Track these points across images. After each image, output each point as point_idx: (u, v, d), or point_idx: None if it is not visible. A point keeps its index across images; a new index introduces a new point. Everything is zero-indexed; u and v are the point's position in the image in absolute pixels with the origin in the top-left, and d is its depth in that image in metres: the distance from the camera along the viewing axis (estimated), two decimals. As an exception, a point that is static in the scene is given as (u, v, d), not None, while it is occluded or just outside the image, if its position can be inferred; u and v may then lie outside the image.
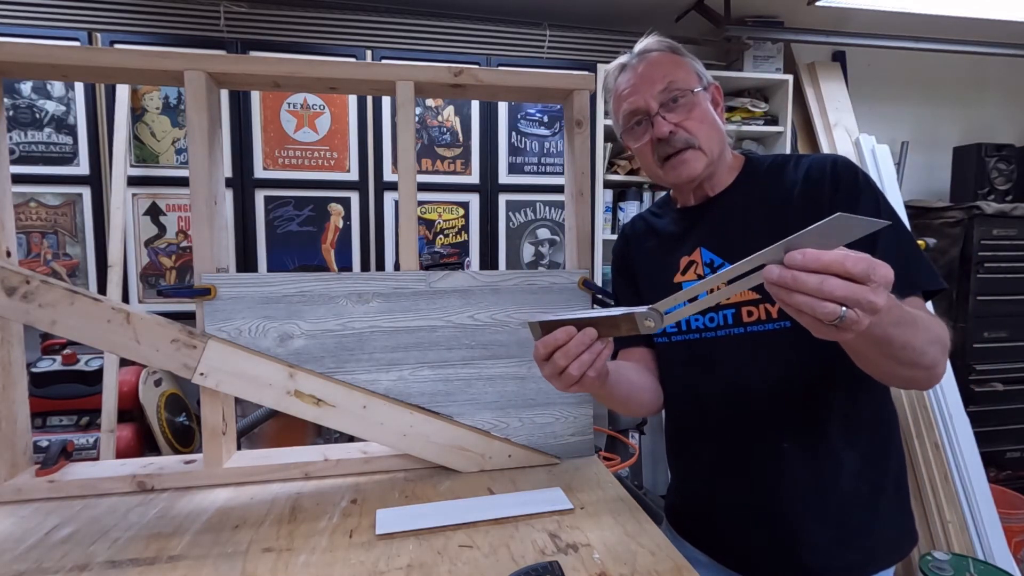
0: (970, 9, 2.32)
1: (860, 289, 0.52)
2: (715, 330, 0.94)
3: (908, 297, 0.78)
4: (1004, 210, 2.51)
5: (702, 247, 0.98)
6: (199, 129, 1.03)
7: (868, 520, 0.88)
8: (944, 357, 0.74)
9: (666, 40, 0.99)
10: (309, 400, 1.07)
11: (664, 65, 0.96)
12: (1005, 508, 2.18)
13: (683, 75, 0.94)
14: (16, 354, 1.05)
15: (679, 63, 0.96)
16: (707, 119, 0.94)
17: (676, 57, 0.97)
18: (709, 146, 0.94)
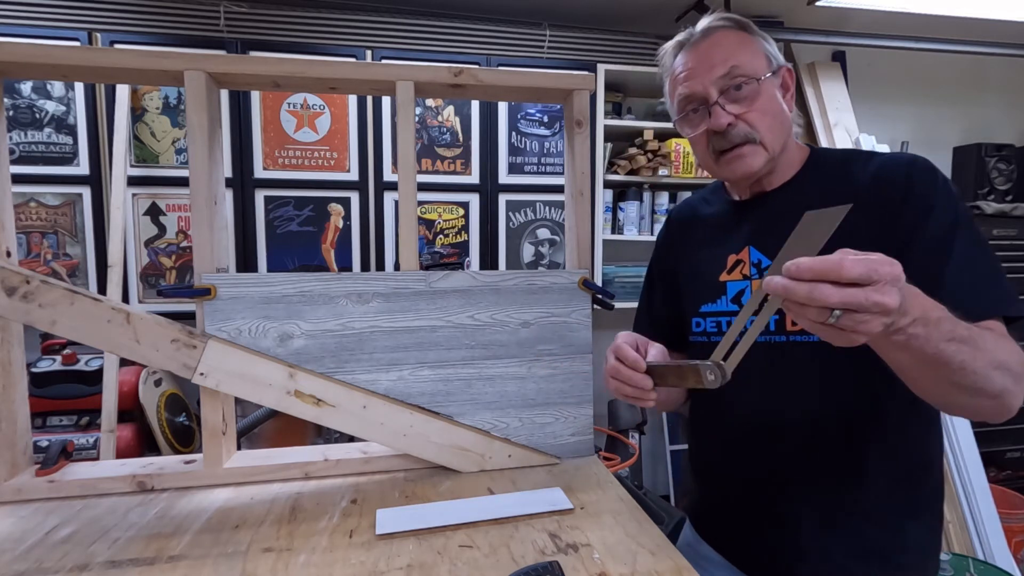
0: (970, 9, 2.32)
1: (857, 292, 0.50)
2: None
3: (981, 321, 0.68)
4: (1004, 210, 2.51)
5: (751, 246, 0.90)
6: (199, 129, 1.04)
7: (891, 542, 0.83)
8: (1018, 387, 0.66)
9: (733, 16, 0.89)
10: (309, 400, 1.07)
11: (728, 46, 0.86)
12: (1005, 508, 2.18)
13: (749, 58, 0.85)
14: (16, 354, 1.05)
15: (746, 43, 0.87)
16: (772, 110, 0.84)
17: (744, 35, 0.88)
18: (771, 141, 0.85)
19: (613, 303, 1.26)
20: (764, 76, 0.84)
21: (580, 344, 1.20)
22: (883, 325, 0.53)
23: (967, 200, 2.63)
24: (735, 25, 0.88)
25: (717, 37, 0.88)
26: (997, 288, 0.73)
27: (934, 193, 0.76)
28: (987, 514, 2.08)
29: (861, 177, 0.82)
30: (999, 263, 0.75)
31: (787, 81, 0.88)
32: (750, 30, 0.88)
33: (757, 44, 0.87)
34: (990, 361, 0.64)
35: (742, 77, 0.84)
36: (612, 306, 1.26)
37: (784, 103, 0.87)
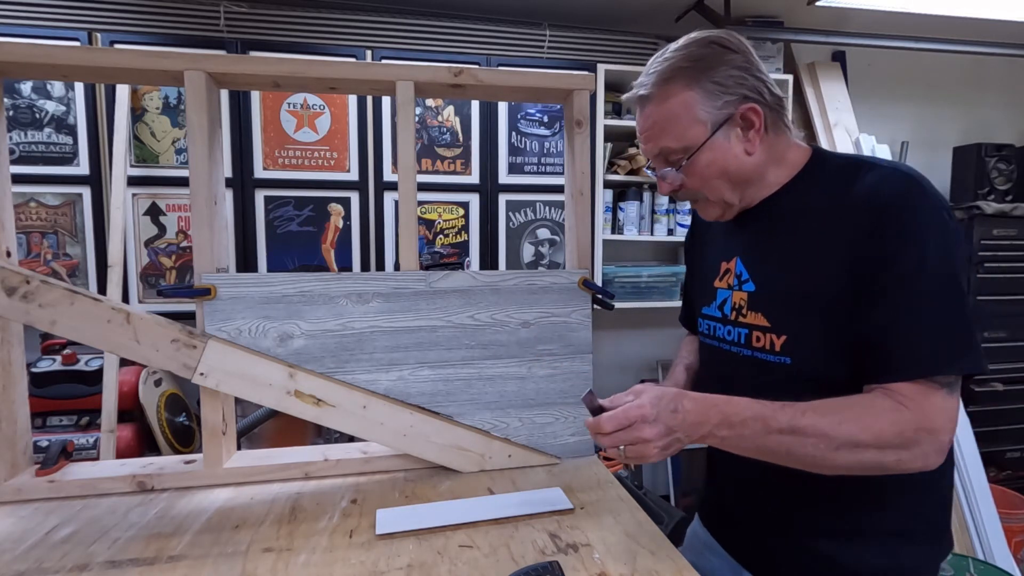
0: (970, 9, 2.32)
1: (618, 436, 0.74)
2: (731, 344, 0.91)
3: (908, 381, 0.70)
4: (1004, 210, 2.51)
5: (739, 257, 0.90)
6: (199, 129, 1.04)
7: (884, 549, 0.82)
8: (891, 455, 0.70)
9: (670, 65, 0.81)
10: (309, 400, 1.07)
11: (657, 123, 0.83)
12: (1005, 508, 2.18)
13: (680, 131, 0.81)
14: (16, 354, 1.05)
15: (674, 114, 0.81)
16: (712, 172, 0.82)
17: (671, 106, 0.81)
18: (720, 195, 0.85)
19: (613, 303, 1.26)
20: (700, 144, 0.81)
21: (580, 344, 1.20)
22: (657, 449, 0.73)
23: (968, 200, 2.63)
24: (668, 81, 0.81)
25: (648, 111, 0.84)
26: (934, 344, 0.71)
27: (900, 236, 0.72)
28: (987, 514, 2.07)
29: (847, 194, 0.78)
30: (957, 314, 0.71)
31: (749, 119, 0.80)
32: (687, 83, 0.80)
33: (693, 105, 0.80)
34: (829, 443, 0.70)
35: (673, 154, 0.83)
36: (612, 306, 1.26)
37: (742, 147, 0.81)
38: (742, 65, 0.80)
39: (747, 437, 0.73)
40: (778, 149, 0.84)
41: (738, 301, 0.89)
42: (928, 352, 0.71)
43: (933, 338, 0.71)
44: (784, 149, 0.85)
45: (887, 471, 0.72)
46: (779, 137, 0.84)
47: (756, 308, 0.86)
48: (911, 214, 0.72)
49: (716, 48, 0.80)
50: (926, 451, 0.70)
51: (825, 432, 0.70)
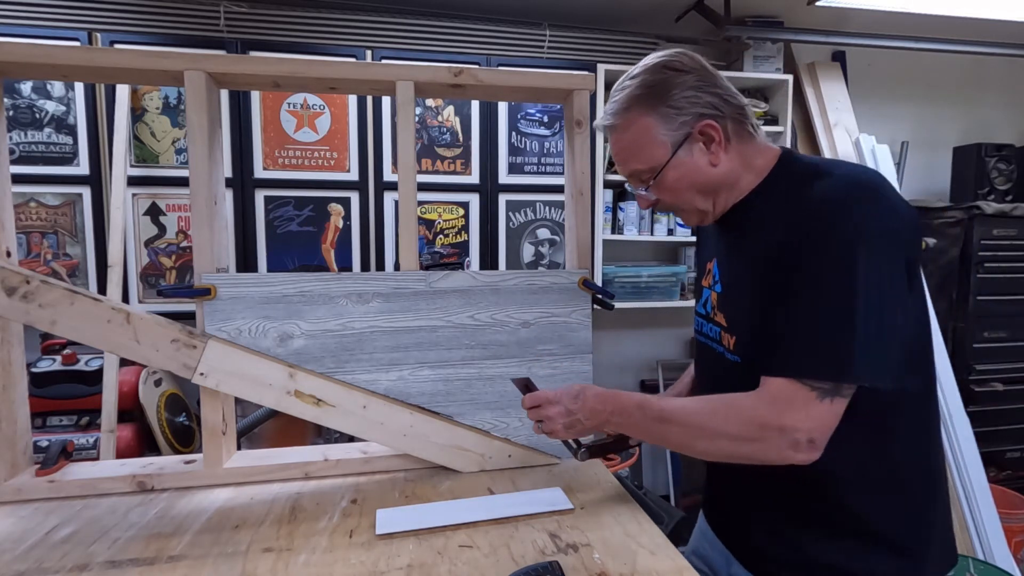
0: (970, 9, 2.32)
1: (531, 413, 0.95)
2: (711, 340, 0.94)
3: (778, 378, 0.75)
4: (1004, 210, 2.51)
5: (716, 259, 0.94)
6: (199, 129, 1.04)
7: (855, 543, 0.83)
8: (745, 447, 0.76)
9: (627, 94, 0.86)
10: (309, 400, 1.07)
11: (623, 149, 0.89)
12: (1005, 508, 2.18)
13: (645, 154, 0.86)
14: (16, 354, 1.05)
15: (637, 140, 0.86)
16: (682, 185, 0.87)
17: (634, 132, 0.86)
18: (693, 205, 0.89)
19: (613, 303, 1.26)
20: (664, 163, 0.85)
21: (580, 344, 1.20)
22: (560, 426, 0.91)
23: (968, 200, 2.62)
24: (626, 110, 0.86)
25: (615, 139, 0.90)
26: (806, 347, 0.74)
27: (822, 241, 0.74)
28: (987, 514, 2.08)
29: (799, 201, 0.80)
30: (846, 323, 0.72)
31: (708, 133, 0.84)
32: (644, 109, 0.84)
33: (652, 129, 0.84)
34: (690, 432, 0.81)
35: (642, 174, 0.88)
36: (612, 306, 1.26)
37: (706, 159, 0.85)
38: (695, 84, 0.83)
39: (633, 424, 0.87)
40: (746, 155, 0.87)
41: (713, 301, 0.94)
42: (800, 354, 0.74)
43: (810, 342, 0.74)
44: (752, 154, 0.87)
45: (755, 460, 0.77)
46: (745, 144, 0.87)
47: (721, 309, 0.91)
48: (836, 223, 0.74)
49: (668, 72, 0.84)
50: (777, 446, 0.74)
51: (687, 422, 0.81)
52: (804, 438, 0.73)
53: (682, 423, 0.81)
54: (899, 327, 0.74)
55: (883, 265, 0.72)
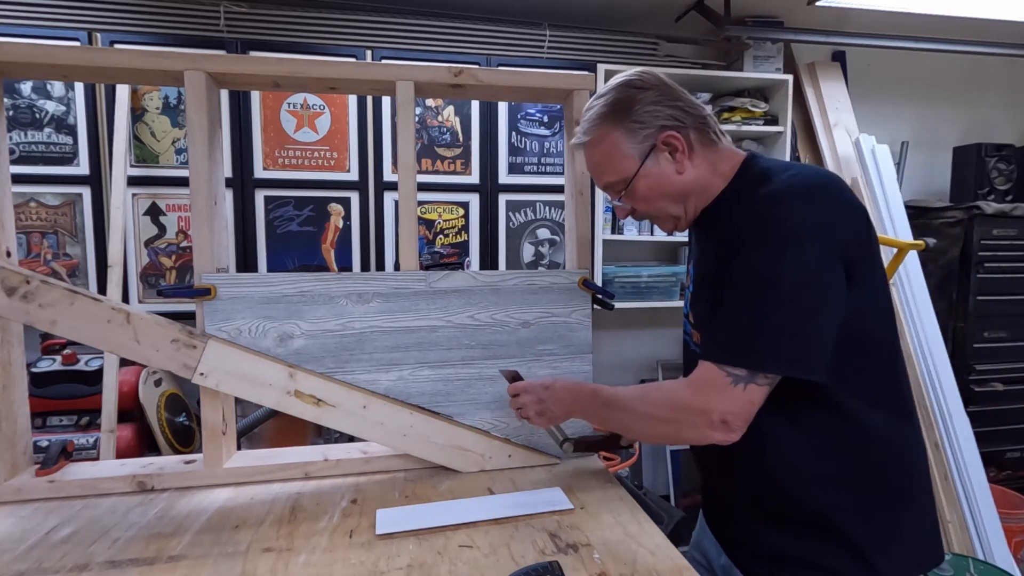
0: (970, 9, 2.31)
1: (512, 401, 1.05)
2: (688, 338, 1.00)
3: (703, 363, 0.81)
4: (1004, 210, 2.51)
5: (692, 261, 1.00)
6: (199, 129, 1.04)
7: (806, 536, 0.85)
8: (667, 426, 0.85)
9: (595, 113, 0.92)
10: (309, 400, 1.07)
11: (594, 164, 0.96)
12: (1005, 508, 2.18)
13: (615, 166, 0.92)
14: (16, 354, 1.05)
15: (607, 154, 0.92)
16: (653, 194, 0.92)
17: (604, 147, 0.92)
18: (667, 212, 0.94)
19: (613, 303, 1.26)
20: (633, 174, 0.90)
21: (580, 344, 1.20)
22: (533, 412, 1.01)
23: (968, 200, 2.62)
24: (594, 130, 0.92)
25: (587, 155, 0.96)
26: (729, 338, 0.80)
27: (748, 243, 0.80)
28: (987, 514, 2.08)
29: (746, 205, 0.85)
30: (764, 317, 0.77)
31: (671, 143, 0.89)
32: (610, 125, 0.90)
33: (620, 143, 0.90)
34: (631, 416, 0.90)
35: (615, 186, 0.94)
36: (612, 306, 1.26)
37: (673, 168, 0.90)
38: (655, 99, 0.89)
39: (590, 411, 0.98)
40: (712, 161, 0.91)
41: (688, 300, 0.99)
42: (719, 342, 0.81)
43: (729, 333, 0.80)
44: (718, 160, 0.91)
45: (682, 440, 0.86)
46: (710, 151, 0.91)
47: (692, 308, 0.97)
48: (769, 221, 0.79)
49: (631, 90, 0.90)
50: (696, 424, 0.80)
51: (628, 407, 0.90)
52: (718, 419, 0.78)
53: (623, 408, 0.90)
54: (824, 323, 0.77)
55: (811, 262, 0.76)
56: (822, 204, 0.79)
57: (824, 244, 0.76)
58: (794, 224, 0.77)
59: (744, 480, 0.90)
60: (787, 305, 0.76)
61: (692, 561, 1.05)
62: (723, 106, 2.45)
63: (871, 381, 0.83)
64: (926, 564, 0.87)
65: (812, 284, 0.76)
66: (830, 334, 0.77)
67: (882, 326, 0.84)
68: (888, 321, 0.85)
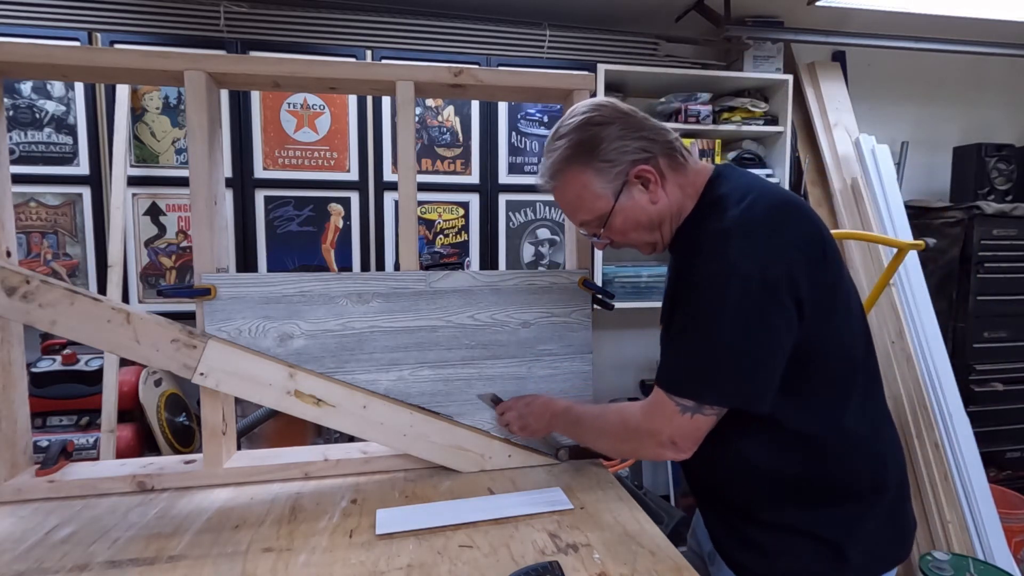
0: (970, 9, 2.31)
1: (499, 418, 1.15)
2: None
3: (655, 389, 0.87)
4: (1004, 210, 2.51)
5: (667, 285, 1.02)
6: (199, 129, 1.04)
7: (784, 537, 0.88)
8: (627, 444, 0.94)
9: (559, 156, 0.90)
10: (309, 400, 1.07)
11: (567, 204, 0.96)
12: (1005, 508, 2.18)
13: (589, 206, 0.91)
14: (16, 354, 1.05)
15: (579, 196, 0.91)
16: (628, 226, 0.92)
17: (574, 189, 0.91)
18: (645, 241, 0.95)
19: (613, 303, 1.26)
20: (609, 212, 0.90)
21: (580, 344, 1.20)
22: (516, 427, 1.11)
23: (968, 200, 2.62)
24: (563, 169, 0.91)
25: (556, 196, 0.96)
26: (670, 367, 0.86)
27: (692, 277, 0.83)
28: (987, 514, 2.07)
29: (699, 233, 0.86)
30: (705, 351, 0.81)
31: (643, 176, 0.88)
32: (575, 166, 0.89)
33: (590, 184, 0.89)
34: (592, 433, 1.00)
35: (590, 224, 0.94)
36: (612, 306, 1.26)
37: (647, 198, 0.89)
38: (620, 134, 0.88)
39: (562, 426, 1.06)
40: (682, 184, 0.91)
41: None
42: (669, 373, 0.85)
43: (677, 364, 0.85)
44: (687, 182, 0.92)
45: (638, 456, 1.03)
46: (680, 174, 0.91)
47: (661, 324, 1.01)
48: (715, 257, 0.81)
49: (592, 128, 0.88)
50: (649, 445, 0.87)
51: (591, 425, 0.99)
52: (667, 439, 0.84)
53: (587, 426, 0.99)
54: (767, 359, 0.79)
55: (753, 301, 0.78)
56: (768, 241, 0.79)
57: (767, 282, 0.77)
58: (736, 261, 0.78)
59: (712, 476, 0.95)
60: (731, 343, 0.79)
61: (688, 550, 1.10)
62: (723, 106, 2.45)
63: (824, 403, 0.85)
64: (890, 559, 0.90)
65: (754, 322, 0.78)
66: (774, 367, 0.80)
67: (840, 346, 0.85)
68: (851, 336, 0.86)
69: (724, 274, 0.79)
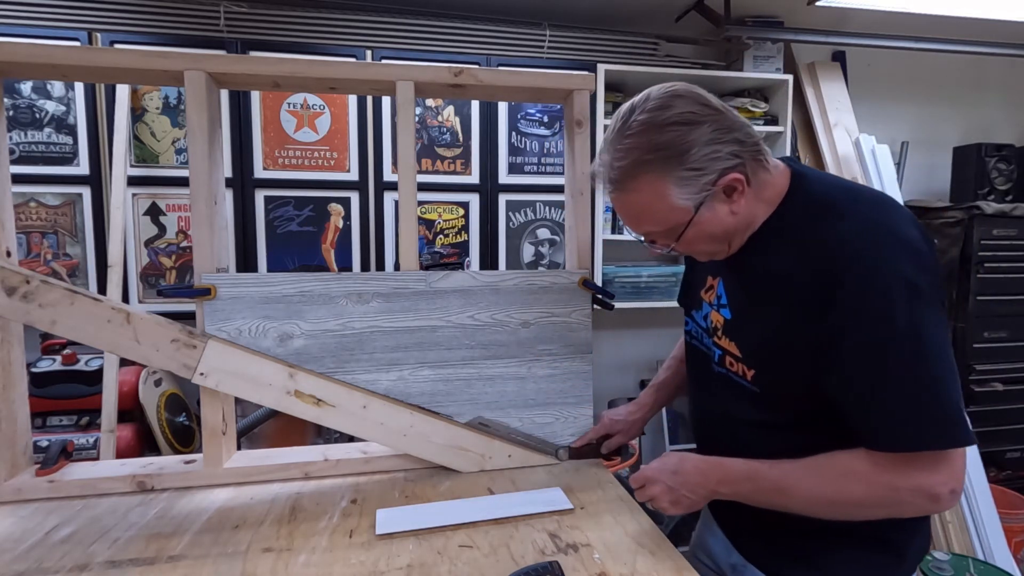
0: (970, 9, 2.31)
1: (638, 493, 0.89)
2: (708, 350, 0.94)
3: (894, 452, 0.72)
4: (1004, 210, 2.51)
5: (722, 279, 0.90)
6: (199, 129, 1.04)
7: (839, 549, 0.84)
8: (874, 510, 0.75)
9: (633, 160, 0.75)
10: (309, 400, 1.07)
11: (633, 212, 0.81)
12: (1005, 508, 2.18)
13: (661, 218, 0.78)
14: (16, 354, 1.05)
15: (650, 205, 0.77)
16: (700, 238, 0.81)
17: (646, 198, 0.77)
18: (708, 251, 0.85)
19: (613, 303, 1.26)
20: (685, 225, 0.78)
21: (580, 344, 1.20)
22: (666, 503, 0.85)
23: (968, 200, 2.62)
24: (636, 175, 0.76)
25: (620, 200, 0.81)
26: (884, 422, 0.71)
27: (861, 303, 0.70)
28: (987, 514, 2.07)
29: (813, 242, 0.76)
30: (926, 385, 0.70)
31: (733, 186, 0.76)
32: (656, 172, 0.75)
33: (669, 194, 0.75)
34: (812, 503, 0.77)
35: (658, 235, 0.82)
36: (612, 306, 1.26)
37: (727, 209, 0.78)
38: (712, 137, 0.74)
39: (743, 494, 0.82)
40: (760, 190, 0.81)
41: (716, 322, 0.91)
42: (906, 431, 0.70)
43: (900, 418, 0.70)
44: (765, 186, 0.81)
45: (892, 516, 0.76)
46: (760, 178, 0.80)
47: (730, 336, 0.87)
48: (870, 279, 0.70)
49: (679, 129, 0.73)
50: (917, 504, 0.73)
51: (806, 494, 0.77)
52: (944, 490, 0.71)
53: (804, 496, 0.77)
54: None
55: (928, 311, 0.70)
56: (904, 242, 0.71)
57: (925, 288, 0.70)
58: (895, 275, 0.69)
59: None
60: (935, 362, 0.69)
61: (697, 562, 1.06)
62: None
63: None
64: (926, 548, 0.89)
65: (935, 330, 0.69)
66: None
67: None
68: None
69: (896, 290, 0.69)
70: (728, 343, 0.87)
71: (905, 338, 0.69)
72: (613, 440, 1.17)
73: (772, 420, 0.84)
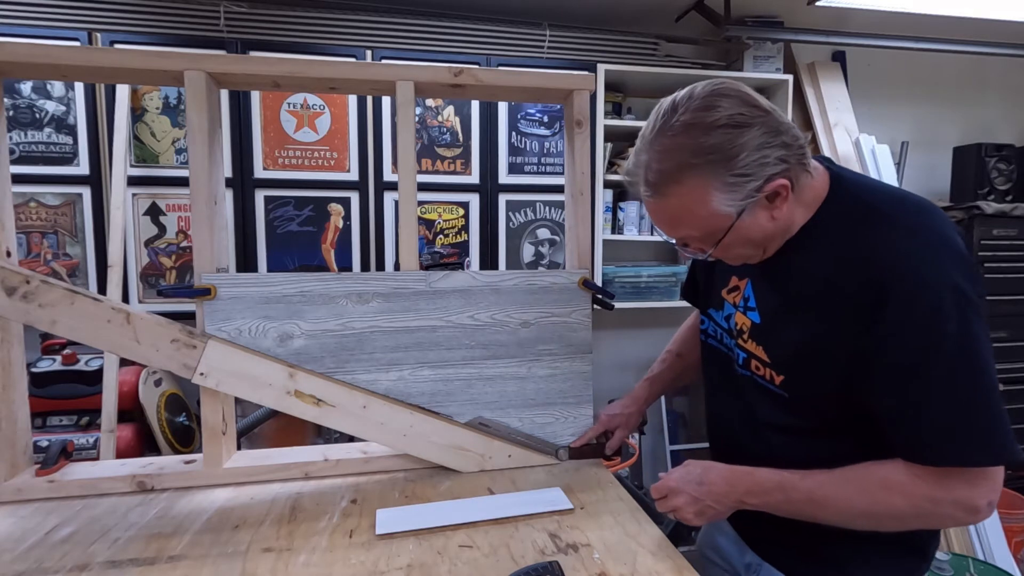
0: (970, 9, 2.32)
1: (659, 503, 0.86)
2: (729, 351, 0.92)
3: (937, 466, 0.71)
4: (1004, 210, 2.51)
5: (751, 280, 0.88)
6: (199, 129, 1.04)
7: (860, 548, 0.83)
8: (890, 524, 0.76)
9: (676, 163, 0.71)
10: (309, 400, 1.07)
11: (671, 216, 0.77)
12: (1005, 508, 2.18)
13: (701, 223, 0.75)
14: (16, 354, 1.05)
15: (690, 210, 0.73)
16: (738, 243, 0.77)
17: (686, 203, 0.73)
18: (743, 255, 0.82)
19: (613, 303, 1.26)
20: (726, 231, 0.75)
21: (580, 344, 1.20)
22: (691, 514, 0.82)
23: (968, 200, 2.62)
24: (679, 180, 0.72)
25: (656, 205, 0.76)
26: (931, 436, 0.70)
27: (907, 314, 0.69)
28: (987, 514, 2.07)
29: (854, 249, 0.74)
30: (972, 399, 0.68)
31: (777, 191, 0.73)
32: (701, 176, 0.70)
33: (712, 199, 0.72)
34: (846, 514, 0.76)
35: (694, 240, 0.79)
36: (612, 306, 1.26)
37: (768, 215, 0.75)
38: (762, 141, 0.70)
39: (773, 505, 0.80)
40: (800, 193, 0.78)
41: (741, 325, 0.89)
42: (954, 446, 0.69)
43: (947, 433, 0.69)
44: (805, 190, 0.78)
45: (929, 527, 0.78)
46: (802, 181, 0.77)
47: (757, 340, 0.85)
48: (921, 291, 0.68)
49: (729, 132, 0.69)
50: (956, 517, 0.72)
51: (840, 506, 0.75)
52: (983, 502, 0.70)
53: (839, 508, 0.75)
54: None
55: (976, 322, 0.68)
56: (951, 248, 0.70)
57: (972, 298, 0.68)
58: (942, 287, 0.67)
59: None
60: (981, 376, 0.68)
61: (706, 560, 1.06)
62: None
63: None
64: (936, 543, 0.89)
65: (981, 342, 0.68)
66: None
67: None
68: None
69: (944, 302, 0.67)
70: (755, 347, 0.85)
71: (955, 351, 0.68)
72: (615, 438, 1.17)
73: (799, 425, 0.82)
